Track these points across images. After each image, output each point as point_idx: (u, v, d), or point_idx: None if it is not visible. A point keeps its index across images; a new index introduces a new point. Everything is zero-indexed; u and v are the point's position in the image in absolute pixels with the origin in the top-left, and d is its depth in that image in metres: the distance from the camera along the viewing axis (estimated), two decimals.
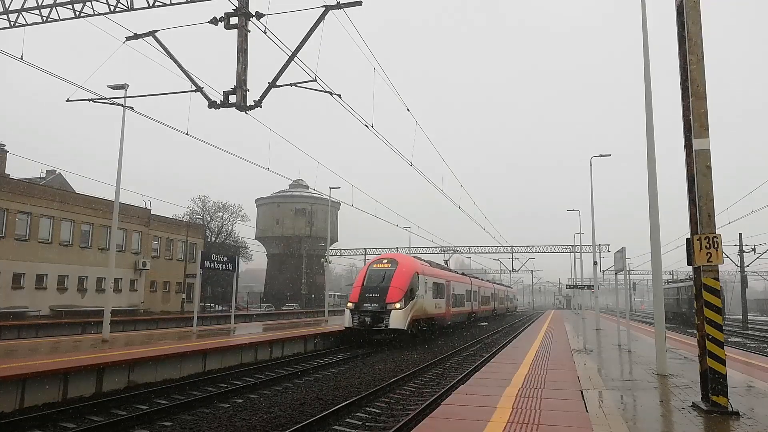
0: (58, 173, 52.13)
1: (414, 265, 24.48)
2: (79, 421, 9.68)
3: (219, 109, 11.60)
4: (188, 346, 15.19)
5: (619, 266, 17.36)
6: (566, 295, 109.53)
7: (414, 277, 23.40)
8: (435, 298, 26.75)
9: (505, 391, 9.27)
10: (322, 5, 11.32)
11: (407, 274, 23.15)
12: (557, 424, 7.00)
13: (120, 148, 17.77)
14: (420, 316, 23.94)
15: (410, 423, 9.01)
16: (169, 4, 12.18)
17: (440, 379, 14.94)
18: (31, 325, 28.50)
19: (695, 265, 8.11)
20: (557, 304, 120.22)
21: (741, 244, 48.15)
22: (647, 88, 12.16)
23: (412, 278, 23.12)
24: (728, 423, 7.22)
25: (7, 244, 35.02)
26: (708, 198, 7.98)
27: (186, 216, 64.45)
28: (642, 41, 12.26)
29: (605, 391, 9.49)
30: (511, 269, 66.97)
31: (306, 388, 12.77)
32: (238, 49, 11.16)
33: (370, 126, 16.16)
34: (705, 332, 7.93)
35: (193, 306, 23.56)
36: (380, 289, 22.40)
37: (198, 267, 21.82)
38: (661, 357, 11.63)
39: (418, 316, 23.68)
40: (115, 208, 18.28)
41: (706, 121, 8.12)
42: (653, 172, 11.95)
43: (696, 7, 8.36)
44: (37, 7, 12.82)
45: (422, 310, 24.28)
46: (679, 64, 8.65)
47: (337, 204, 68.57)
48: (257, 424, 9.30)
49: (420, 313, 23.88)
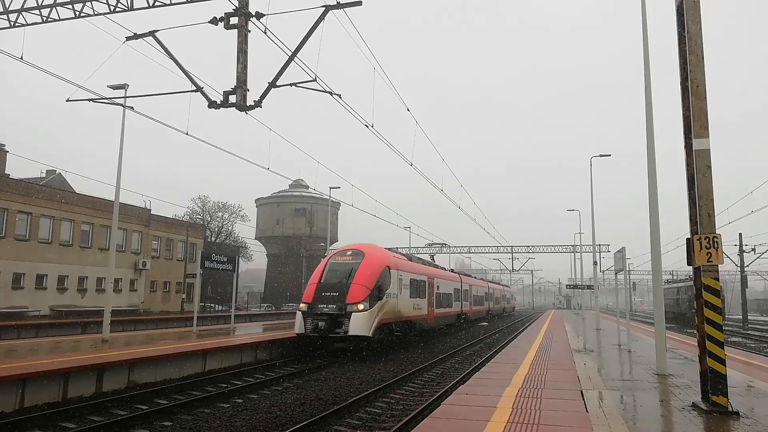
0: (58, 173, 52.16)
1: (384, 258, 20.62)
2: (79, 421, 9.67)
3: (219, 109, 11.61)
4: (188, 346, 15.18)
5: (619, 266, 17.36)
6: (566, 295, 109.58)
7: (384, 272, 19.67)
8: (414, 297, 23.15)
9: (505, 391, 9.27)
10: (322, 5, 11.32)
11: (375, 268, 19.38)
12: (557, 424, 7.00)
13: (120, 148, 17.78)
14: (392, 319, 20.15)
15: (410, 423, 9.01)
16: (169, 4, 12.18)
17: (440, 379, 14.94)
18: (31, 325, 28.47)
19: (695, 265, 8.11)
20: (557, 304, 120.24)
21: (741, 244, 48.17)
22: (647, 88, 12.17)
23: (381, 273, 19.37)
24: (728, 423, 7.21)
25: (7, 244, 35.01)
26: (708, 198, 7.98)
27: (186, 216, 64.53)
28: (642, 41, 12.27)
29: (605, 391, 9.49)
30: (511, 269, 66.98)
31: (306, 388, 12.77)
32: (238, 49, 11.16)
33: (370, 126, 16.16)
34: (705, 332, 7.93)
35: (193, 306, 23.55)
36: (340, 286, 18.63)
37: (198, 267, 21.81)
38: (661, 357, 11.64)
39: (389, 320, 19.83)
40: (115, 208, 18.28)
41: (706, 121, 8.12)
42: (653, 172, 11.96)
43: (696, 6, 8.36)
44: (37, 7, 12.82)
45: (395, 312, 20.47)
46: (679, 64, 8.65)
47: (337, 204, 68.59)
48: (257, 424, 9.30)
49: (392, 316, 20.08)
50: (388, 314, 19.67)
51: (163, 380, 13.20)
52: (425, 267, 27.03)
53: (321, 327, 17.64)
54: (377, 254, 20.62)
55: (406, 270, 22.68)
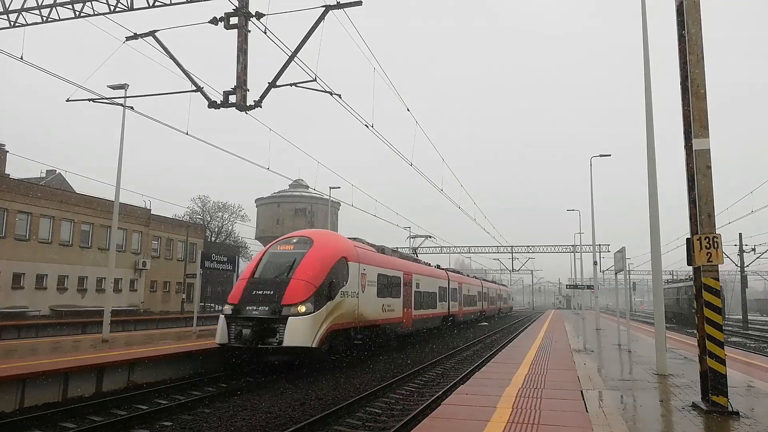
0: (58, 173, 52.16)
1: (340, 248, 16.60)
2: (79, 421, 9.67)
3: (219, 109, 11.62)
4: (188, 346, 15.17)
5: (619, 266, 17.37)
6: (566, 295, 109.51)
7: (338, 265, 15.79)
8: (382, 296, 19.31)
9: (505, 391, 9.27)
10: (322, 5, 11.32)
11: (326, 259, 15.48)
12: (557, 424, 7.00)
13: (120, 148, 17.79)
14: (350, 323, 16.29)
15: (410, 423, 9.01)
16: (169, 4, 12.18)
17: (440, 379, 14.94)
18: (31, 325, 28.47)
19: (695, 265, 8.11)
20: (557, 304, 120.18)
21: (741, 244, 48.15)
22: (647, 88, 12.18)
23: (334, 267, 15.49)
24: (728, 423, 7.22)
25: (7, 244, 35.01)
26: (708, 198, 7.98)
27: (186, 216, 64.58)
28: (642, 41, 12.27)
29: (605, 391, 9.49)
30: (511, 269, 67.01)
31: (306, 388, 12.76)
32: (238, 49, 11.17)
33: (370, 126, 16.16)
34: (705, 332, 7.93)
35: (193, 306, 23.56)
36: (276, 283, 14.67)
37: (198, 267, 21.79)
38: (661, 357, 11.64)
39: (346, 324, 15.99)
40: (115, 208, 18.29)
41: (706, 120, 8.12)
42: (653, 172, 11.96)
43: (696, 6, 8.36)
44: (37, 7, 12.82)
45: (354, 315, 16.55)
46: (679, 64, 8.65)
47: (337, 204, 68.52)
48: (257, 424, 9.30)
49: (349, 320, 16.23)
50: (344, 318, 15.83)
51: (163, 380, 13.20)
52: (400, 261, 22.89)
53: (246, 335, 13.65)
54: (331, 242, 16.73)
55: (373, 263, 18.70)
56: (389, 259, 21.36)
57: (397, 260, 22.35)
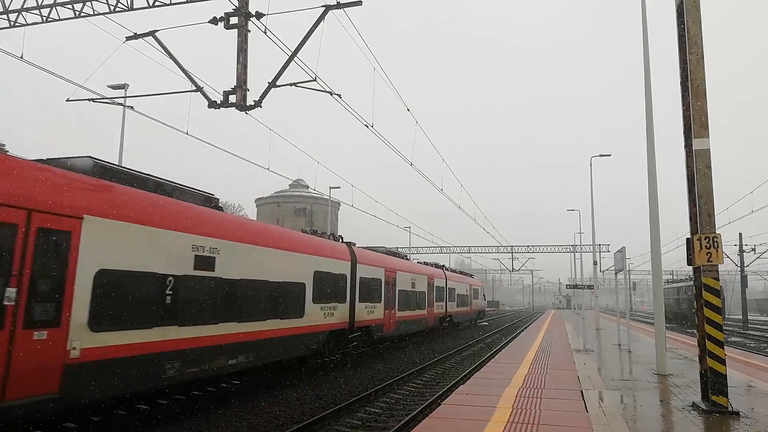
0: None
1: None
2: (79, 421, 9.66)
3: (219, 109, 11.61)
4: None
5: (619, 266, 17.37)
6: (566, 295, 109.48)
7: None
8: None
9: (505, 391, 9.27)
10: (322, 5, 11.32)
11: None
12: (557, 424, 7.00)
13: (120, 149, 17.82)
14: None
15: (410, 423, 9.02)
16: (169, 4, 12.19)
17: (440, 379, 14.94)
18: None
19: (695, 265, 8.11)
20: (557, 304, 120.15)
21: (741, 244, 48.13)
22: (647, 88, 12.18)
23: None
24: (728, 423, 7.22)
25: None
26: (708, 198, 7.98)
27: None
28: (642, 41, 12.27)
29: (605, 391, 9.49)
30: (511, 269, 66.99)
31: (306, 388, 12.76)
32: (238, 48, 11.16)
33: (370, 126, 16.15)
34: (705, 332, 7.93)
35: None
36: None
37: None
38: (661, 357, 11.64)
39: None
40: None
41: (706, 120, 8.13)
42: (653, 172, 11.97)
43: (696, 7, 8.36)
44: (37, 7, 12.83)
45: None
46: (679, 64, 8.66)
47: (337, 204, 68.56)
48: (257, 424, 9.30)
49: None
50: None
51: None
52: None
53: None
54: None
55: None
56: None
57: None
